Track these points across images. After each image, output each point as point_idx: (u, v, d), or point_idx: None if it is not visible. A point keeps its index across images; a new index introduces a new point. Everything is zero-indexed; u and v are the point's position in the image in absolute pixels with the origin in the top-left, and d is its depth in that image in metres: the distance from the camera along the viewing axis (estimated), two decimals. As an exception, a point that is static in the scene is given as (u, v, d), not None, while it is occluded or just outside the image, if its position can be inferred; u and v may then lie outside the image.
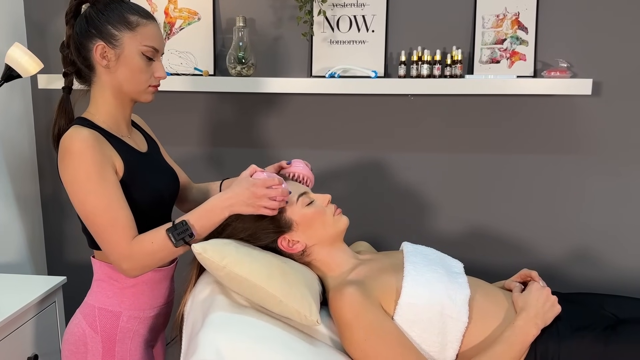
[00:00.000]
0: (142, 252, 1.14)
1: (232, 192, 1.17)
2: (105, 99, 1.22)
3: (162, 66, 1.24)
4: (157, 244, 1.14)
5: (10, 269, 1.94)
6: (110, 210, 1.12)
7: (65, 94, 1.26)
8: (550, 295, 1.22)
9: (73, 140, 1.12)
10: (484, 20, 1.80)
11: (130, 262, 1.14)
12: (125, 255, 1.13)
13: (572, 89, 1.67)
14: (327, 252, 1.31)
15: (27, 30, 2.00)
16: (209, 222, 1.17)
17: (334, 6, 1.83)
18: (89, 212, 1.13)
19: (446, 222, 1.94)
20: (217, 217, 1.17)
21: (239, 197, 1.16)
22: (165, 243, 1.14)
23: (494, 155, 1.88)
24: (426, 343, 1.18)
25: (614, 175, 1.84)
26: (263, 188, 1.16)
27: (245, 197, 1.15)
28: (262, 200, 1.16)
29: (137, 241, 1.14)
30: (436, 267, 1.26)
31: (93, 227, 1.15)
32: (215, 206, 1.17)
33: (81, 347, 1.24)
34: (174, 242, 1.14)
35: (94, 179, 1.11)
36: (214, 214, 1.17)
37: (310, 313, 1.15)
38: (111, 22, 1.17)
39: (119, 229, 1.13)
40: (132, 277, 1.19)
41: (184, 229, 1.14)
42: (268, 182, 1.16)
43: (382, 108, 1.90)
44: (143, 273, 1.19)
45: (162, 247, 1.15)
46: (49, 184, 2.10)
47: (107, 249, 1.15)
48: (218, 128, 1.99)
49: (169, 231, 1.14)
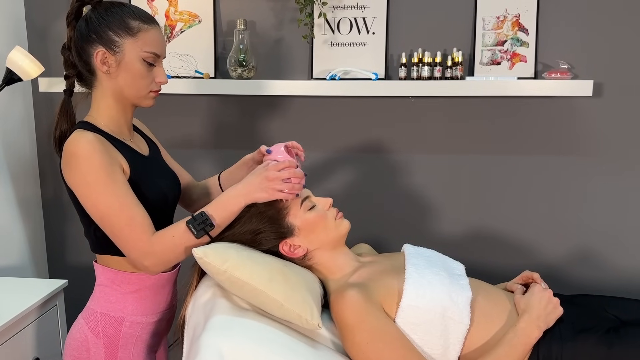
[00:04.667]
0: (164, 247, 1.14)
1: (245, 182, 1.18)
2: (106, 103, 1.22)
3: (163, 71, 1.23)
4: (178, 237, 1.14)
5: (12, 272, 1.93)
6: (126, 210, 1.12)
7: (66, 96, 1.26)
8: (552, 297, 1.21)
9: (78, 143, 1.12)
10: (485, 22, 1.80)
11: (153, 258, 1.14)
12: (146, 252, 1.13)
13: (573, 90, 1.67)
14: (329, 256, 1.31)
15: (28, 34, 2.00)
16: (227, 212, 1.17)
17: (335, 8, 1.83)
18: (103, 214, 1.13)
19: (447, 223, 1.94)
20: (234, 207, 1.17)
21: (253, 184, 1.17)
22: (187, 235, 1.14)
23: (495, 156, 1.88)
24: (428, 345, 1.17)
25: (616, 177, 1.83)
26: (275, 171, 1.16)
27: (258, 182, 1.16)
28: (275, 183, 1.16)
29: (158, 237, 1.14)
30: (438, 269, 1.26)
31: (110, 228, 1.14)
32: (231, 196, 1.17)
33: (83, 352, 1.23)
34: (195, 233, 1.14)
35: (104, 181, 1.11)
36: (231, 204, 1.17)
37: (311, 317, 1.15)
38: (112, 27, 1.16)
39: (137, 227, 1.13)
40: (154, 273, 1.19)
41: (203, 220, 1.15)
42: (280, 165, 1.17)
43: (382, 110, 1.90)
44: (165, 268, 1.19)
45: (183, 240, 1.15)
46: (50, 187, 2.10)
47: (126, 248, 1.14)
48: (219, 130, 1.99)
49: (189, 223, 1.14)
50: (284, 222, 1.26)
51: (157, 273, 1.20)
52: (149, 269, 1.16)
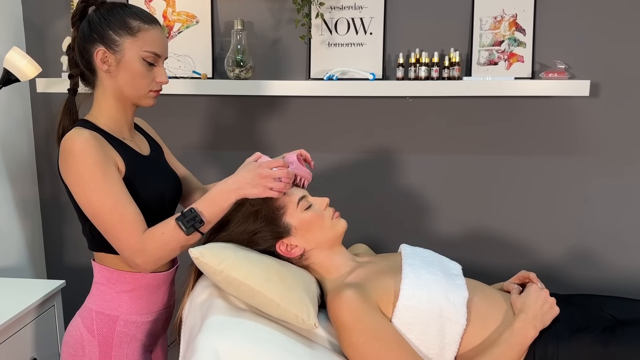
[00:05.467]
0: (154, 244, 1.14)
1: (237, 176, 1.17)
2: (107, 102, 1.23)
3: (164, 71, 1.24)
4: (168, 234, 1.14)
5: (10, 273, 1.94)
6: (118, 207, 1.13)
7: (70, 95, 1.27)
8: (548, 296, 1.22)
9: (74, 140, 1.13)
10: (482, 22, 1.80)
11: (144, 256, 1.14)
12: (137, 249, 1.13)
13: (570, 90, 1.67)
14: (326, 256, 1.31)
15: (26, 34, 2.00)
16: (217, 208, 1.16)
17: (332, 9, 1.84)
18: (96, 211, 1.14)
19: (445, 224, 1.94)
20: (225, 202, 1.16)
21: (244, 179, 1.15)
22: (176, 232, 1.14)
23: (493, 156, 1.88)
24: (424, 345, 1.18)
25: (614, 176, 1.84)
26: (268, 169, 1.16)
27: (250, 178, 1.15)
28: (267, 180, 1.15)
29: (148, 234, 1.14)
30: (434, 269, 1.26)
31: (102, 225, 1.15)
32: (222, 191, 1.16)
33: (79, 350, 1.24)
34: (184, 230, 1.13)
35: (98, 178, 1.12)
36: (221, 199, 1.16)
37: (308, 317, 1.15)
38: (112, 27, 1.18)
39: (128, 224, 1.13)
40: (146, 271, 1.19)
41: (192, 216, 1.14)
42: (273, 164, 1.17)
43: (380, 110, 1.90)
44: (157, 266, 1.19)
45: (173, 237, 1.14)
46: (48, 187, 2.10)
47: (118, 246, 1.15)
48: (216, 131, 1.99)
49: (178, 220, 1.14)
50: (281, 222, 1.27)
51: (150, 271, 1.20)
52: (140, 267, 1.16)
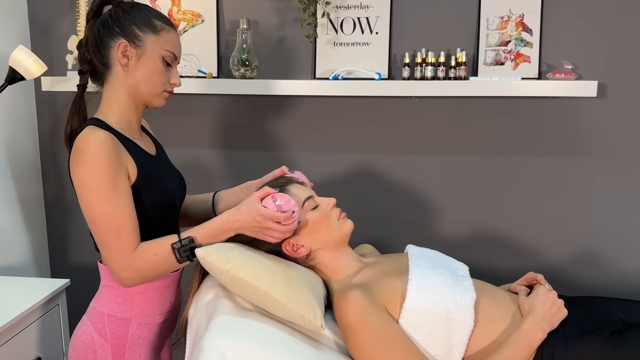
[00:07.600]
0: (144, 262, 1.14)
1: (240, 215, 1.17)
2: (119, 99, 1.23)
3: (178, 74, 1.27)
4: (160, 257, 1.15)
5: (14, 272, 1.94)
6: (117, 218, 1.12)
7: (79, 91, 1.27)
8: (556, 298, 1.21)
9: (89, 141, 1.12)
10: (488, 22, 1.79)
11: (130, 272, 1.14)
12: (126, 264, 1.13)
13: (577, 91, 1.66)
14: (332, 256, 1.30)
15: (31, 33, 2.00)
16: (216, 240, 1.19)
17: (338, 8, 1.83)
18: (95, 217, 1.13)
19: (451, 224, 1.93)
20: (223, 236, 1.19)
21: (246, 222, 1.17)
22: (169, 258, 1.15)
23: (499, 157, 1.87)
24: (432, 347, 1.17)
25: (620, 178, 1.83)
26: (270, 222, 1.16)
27: (252, 225, 1.17)
28: (268, 231, 1.17)
29: (140, 251, 1.14)
30: (441, 270, 1.26)
31: (97, 232, 1.14)
32: (223, 226, 1.18)
33: (90, 354, 1.23)
34: (178, 259, 1.15)
35: (105, 185, 1.11)
36: (222, 233, 1.19)
37: (314, 318, 1.15)
38: (136, 22, 1.20)
39: (124, 237, 1.12)
40: (127, 286, 1.19)
41: (190, 247, 1.16)
42: (275, 218, 1.16)
43: (385, 110, 1.89)
44: (139, 284, 1.19)
45: (165, 260, 1.15)
46: (53, 186, 2.10)
47: (108, 256, 1.15)
48: (221, 130, 1.99)
49: (174, 246, 1.15)
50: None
51: (129, 287, 1.20)
52: (123, 281, 1.15)
